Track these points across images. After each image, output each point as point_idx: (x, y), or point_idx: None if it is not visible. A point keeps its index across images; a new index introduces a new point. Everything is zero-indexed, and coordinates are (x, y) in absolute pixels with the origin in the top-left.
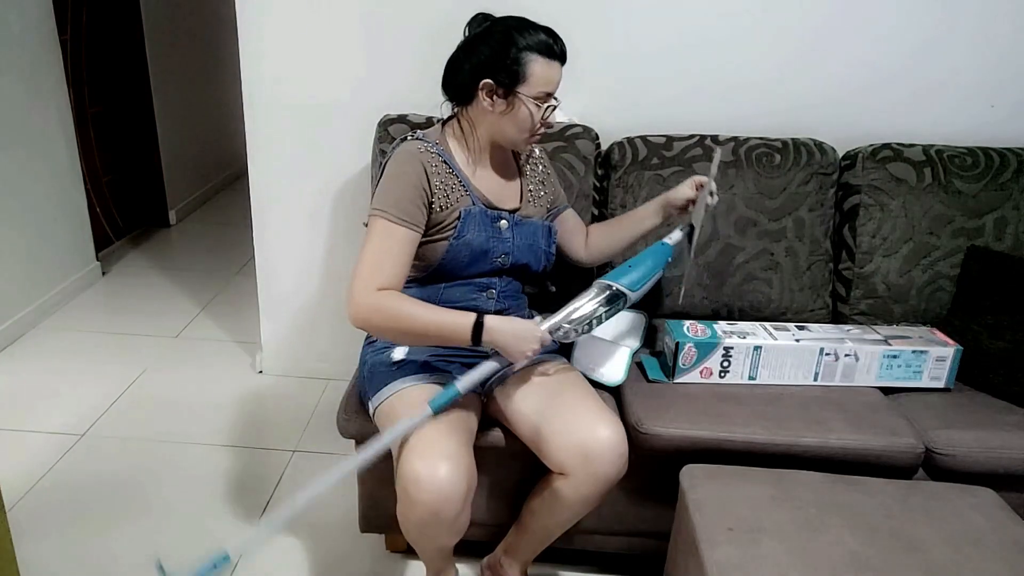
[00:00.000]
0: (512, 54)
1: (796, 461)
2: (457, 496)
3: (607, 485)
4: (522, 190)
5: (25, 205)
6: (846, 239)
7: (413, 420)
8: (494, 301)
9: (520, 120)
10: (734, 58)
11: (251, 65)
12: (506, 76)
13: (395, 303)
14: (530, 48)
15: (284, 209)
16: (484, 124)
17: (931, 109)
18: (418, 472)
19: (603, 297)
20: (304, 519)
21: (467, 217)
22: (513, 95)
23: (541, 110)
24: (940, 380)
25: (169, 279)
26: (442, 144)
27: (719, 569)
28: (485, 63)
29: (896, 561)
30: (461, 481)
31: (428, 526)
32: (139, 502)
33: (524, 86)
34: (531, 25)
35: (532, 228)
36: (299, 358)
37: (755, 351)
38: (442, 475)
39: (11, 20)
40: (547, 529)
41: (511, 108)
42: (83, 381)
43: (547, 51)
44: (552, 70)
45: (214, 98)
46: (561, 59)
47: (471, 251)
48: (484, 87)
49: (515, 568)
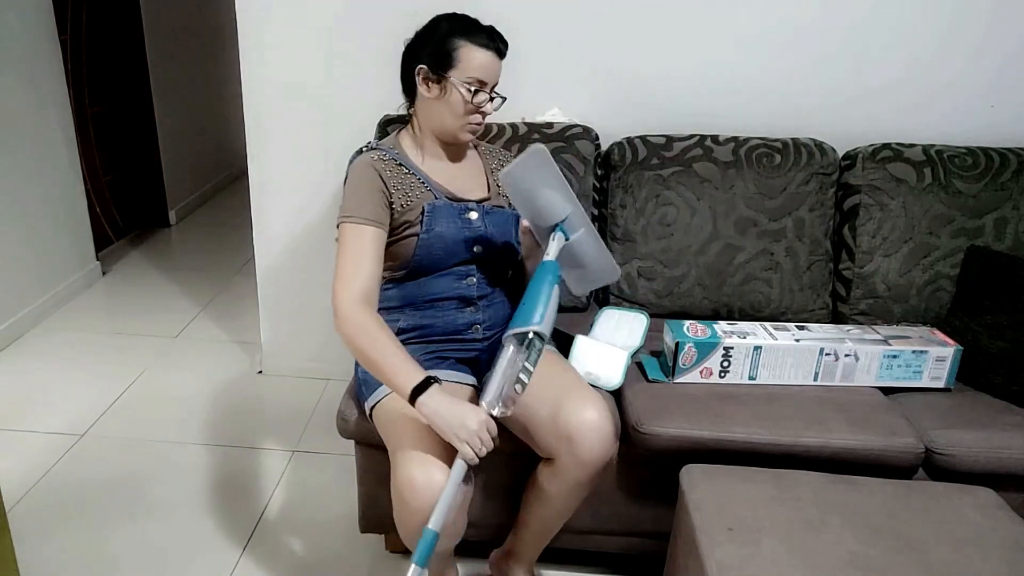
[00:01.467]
0: (440, 37)
1: (796, 461)
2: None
3: (594, 469)
4: (488, 181)
5: (25, 205)
6: (846, 239)
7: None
8: (475, 287)
9: (453, 105)
10: (734, 58)
11: (251, 65)
12: (435, 60)
13: (379, 332)
14: (457, 33)
15: (284, 209)
16: (423, 113)
17: (931, 109)
18: (414, 479)
19: (516, 347)
20: (304, 519)
21: (432, 211)
22: (444, 79)
23: (472, 95)
24: (940, 380)
25: (169, 279)
26: (396, 147)
27: (719, 569)
28: (417, 49)
29: (896, 561)
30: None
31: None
32: (139, 502)
33: (454, 71)
34: (467, 18)
35: (504, 217)
36: (299, 358)
37: (755, 351)
38: (438, 482)
39: (11, 20)
40: (543, 521)
41: (444, 93)
42: (83, 381)
43: (476, 38)
44: (484, 56)
45: (214, 98)
46: (497, 51)
47: (443, 243)
48: (419, 72)
49: (521, 570)
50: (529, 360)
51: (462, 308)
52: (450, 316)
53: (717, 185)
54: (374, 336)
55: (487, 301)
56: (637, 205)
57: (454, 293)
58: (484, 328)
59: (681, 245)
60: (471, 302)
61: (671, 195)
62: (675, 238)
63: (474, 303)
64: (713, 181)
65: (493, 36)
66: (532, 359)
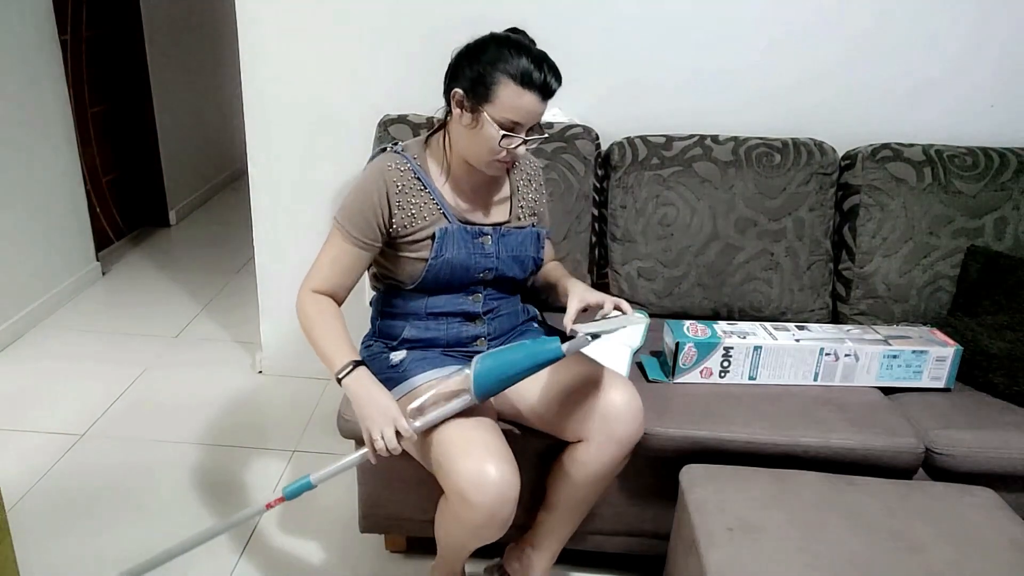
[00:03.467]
0: (483, 64)
1: (796, 461)
2: (513, 495)
3: (627, 447)
4: (512, 202)
5: (25, 205)
6: (846, 239)
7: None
8: (481, 303)
9: (483, 140)
10: (734, 58)
11: (251, 65)
12: (473, 90)
13: (313, 314)
14: (503, 70)
15: (284, 209)
16: (454, 133)
17: (931, 109)
18: (480, 475)
19: (456, 390)
20: (304, 519)
21: (444, 236)
22: (478, 112)
23: (500, 135)
24: (940, 380)
25: (169, 279)
26: (420, 159)
27: (719, 569)
28: (459, 71)
29: (896, 561)
30: (515, 479)
31: (483, 528)
32: (139, 502)
33: (490, 106)
34: (520, 48)
35: (520, 237)
36: (299, 358)
37: (755, 351)
38: (499, 476)
39: (11, 20)
40: (571, 502)
41: (475, 125)
42: (83, 381)
43: (522, 78)
44: (523, 99)
45: (214, 98)
46: (542, 91)
47: (452, 268)
48: (454, 95)
49: (543, 559)
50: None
51: (466, 323)
52: (454, 330)
53: (717, 185)
54: (313, 320)
55: (493, 315)
56: (637, 205)
57: (458, 309)
58: (489, 340)
59: (681, 245)
60: (476, 317)
61: (671, 195)
62: (675, 238)
63: (479, 318)
64: (713, 181)
65: (542, 72)
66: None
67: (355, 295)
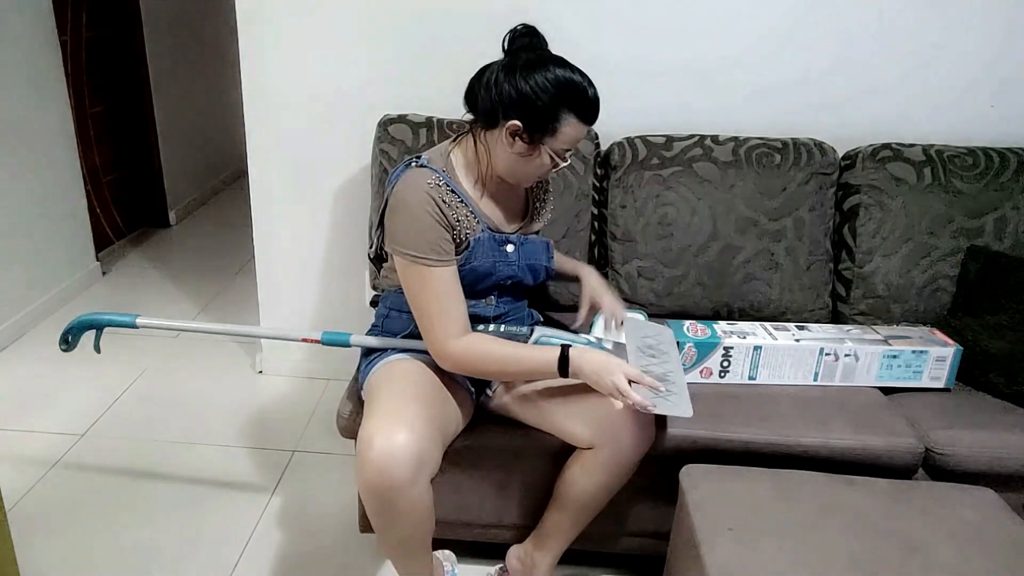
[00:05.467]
0: (549, 104)
1: (796, 461)
2: (407, 461)
3: (638, 456)
4: (529, 208)
5: (25, 205)
6: (846, 239)
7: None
8: (492, 307)
9: (536, 167)
10: (735, 58)
11: (251, 65)
12: (539, 127)
13: (483, 355)
14: (571, 109)
15: (284, 209)
16: (497, 157)
17: (931, 109)
18: (372, 433)
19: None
20: (304, 519)
21: (476, 244)
22: (537, 144)
23: (555, 161)
24: (940, 380)
25: (169, 279)
26: (448, 171)
27: (719, 569)
28: (522, 105)
29: (896, 561)
30: (412, 446)
31: (380, 497)
32: (139, 502)
33: (550, 139)
34: (580, 86)
35: (535, 246)
36: (299, 358)
37: (755, 351)
38: (396, 439)
39: (11, 20)
40: (578, 506)
41: (531, 154)
42: (83, 381)
43: (586, 117)
44: (583, 132)
45: (214, 98)
46: (594, 122)
47: (475, 276)
48: (510, 128)
49: (546, 560)
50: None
51: (476, 326)
52: None
53: (717, 185)
54: (486, 356)
55: (502, 320)
56: (637, 205)
57: (471, 312)
58: None
59: (681, 245)
60: (487, 320)
61: (671, 195)
62: (675, 238)
63: (490, 321)
64: (713, 181)
65: (597, 105)
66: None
67: (355, 295)
